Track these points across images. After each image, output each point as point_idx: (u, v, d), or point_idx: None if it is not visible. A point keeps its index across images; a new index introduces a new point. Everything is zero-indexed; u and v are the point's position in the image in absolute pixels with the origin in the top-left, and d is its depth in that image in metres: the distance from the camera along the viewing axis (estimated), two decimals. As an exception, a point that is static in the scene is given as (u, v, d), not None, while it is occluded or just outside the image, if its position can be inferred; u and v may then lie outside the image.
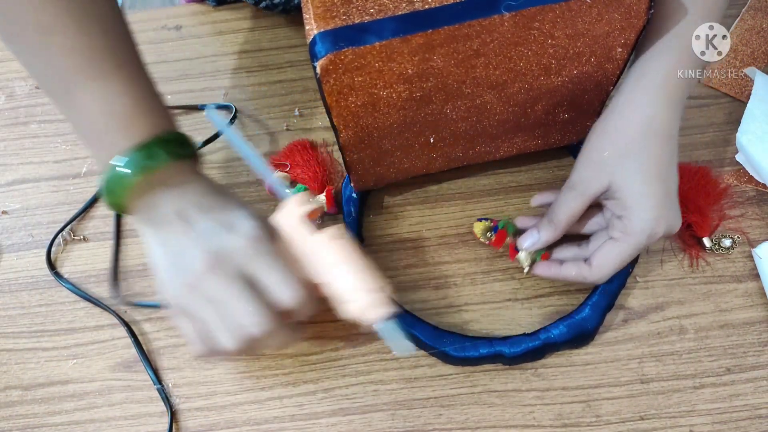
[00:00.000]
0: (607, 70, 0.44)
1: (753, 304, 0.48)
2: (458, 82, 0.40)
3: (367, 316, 0.38)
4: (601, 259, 0.43)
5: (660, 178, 0.42)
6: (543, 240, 0.45)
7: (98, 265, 0.52)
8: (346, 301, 0.38)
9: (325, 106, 0.40)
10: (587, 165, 0.44)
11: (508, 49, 0.39)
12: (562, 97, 0.46)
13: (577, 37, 0.39)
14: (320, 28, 0.35)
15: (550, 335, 0.45)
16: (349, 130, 0.42)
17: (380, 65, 0.37)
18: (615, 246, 0.43)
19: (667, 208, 0.42)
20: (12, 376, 0.48)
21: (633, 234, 0.42)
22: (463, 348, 0.45)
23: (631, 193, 0.42)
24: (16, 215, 0.55)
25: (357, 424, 0.45)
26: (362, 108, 0.40)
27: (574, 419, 0.45)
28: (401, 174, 0.51)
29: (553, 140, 0.52)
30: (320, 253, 0.39)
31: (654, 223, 0.41)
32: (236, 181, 0.56)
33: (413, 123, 0.44)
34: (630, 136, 0.42)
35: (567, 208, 0.44)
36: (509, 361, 0.46)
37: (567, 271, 0.45)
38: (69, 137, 0.59)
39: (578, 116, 0.49)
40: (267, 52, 0.63)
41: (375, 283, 0.39)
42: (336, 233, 0.39)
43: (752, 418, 0.44)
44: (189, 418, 0.46)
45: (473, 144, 0.49)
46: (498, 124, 0.47)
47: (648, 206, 0.42)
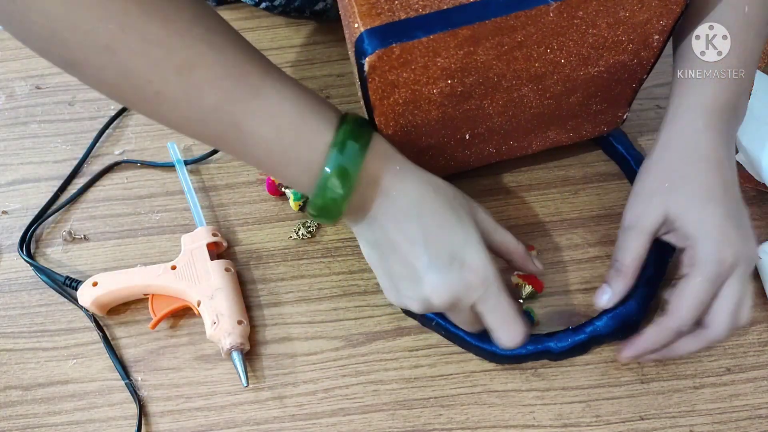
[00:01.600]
0: (642, 58, 0.44)
1: (753, 304, 0.48)
2: (499, 75, 0.40)
3: (223, 340, 0.45)
4: (677, 302, 0.40)
5: (715, 202, 0.40)
6: (617, 292, 0.43)
7: (98, 265, 0.52)
8: (212, 322, 0.46)
9: (366, 105, 0.39)
10: (639, 201, 0.43)
11: (550, 39, 0.39)
12: (596, 88, 0.45)
13: (617, 26, 0.39)
14: (367, 25, 0.35)
15: (596, 328, 0.44)
16: (389, 129, 0.42)
17: (426, 60, 0.37)
18: (686, 282, 0.40)
19: (731, 232, 0.40)
20: (12, 376, 0.48)
21: (700, 262, 0.39)
22: None
23: (688, 221, 0.40)
24: (16, 215, 0.55)
25: (357, 424, 0.45)
26: (404, 106, 0.40)
27: (574, 419, 0.45)
28: (434, 172, 0.50)
29: (584, 132, 0.52)
30: (211, 274, 0.48)
31: (719, 247, 0.39)
32: (236, 181, 0.56)
33: (451, 120, 0.43)
34: (675, 166, 0.42)
35: (631, 251, 0.42)
36: (556, 357, 0.45)
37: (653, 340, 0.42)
38: (69, 137, 0.59)
39: (610, 106, 0.49)
40: (267, 52, 0.62)
41: (242, 315, 0.47)
42: (227, 264, 0.49)
43: (752, 418, 0.44)
44: (189, 418, 0.46)
45: (507, 139, 0.49)
46: (532, 117, 0.47)
47: (707, 230, 0.39)
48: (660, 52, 0.44)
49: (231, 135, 0.35)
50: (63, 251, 0.53)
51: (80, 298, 0.48)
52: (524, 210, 0.53)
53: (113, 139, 0.59)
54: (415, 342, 0.48)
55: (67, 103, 0.61)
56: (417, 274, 0.37)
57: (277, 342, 0.48)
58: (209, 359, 0.48)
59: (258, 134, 0.35)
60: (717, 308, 0.40)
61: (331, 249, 0.52)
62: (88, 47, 0.31)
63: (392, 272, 0.39)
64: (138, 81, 0.32)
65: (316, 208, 0.37)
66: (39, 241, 0.54)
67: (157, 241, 0.53)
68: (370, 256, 0.41)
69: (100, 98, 0.61)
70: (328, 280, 0.51)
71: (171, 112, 0.35)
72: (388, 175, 0.37)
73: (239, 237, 0.53)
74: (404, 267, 0.38)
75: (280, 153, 0.36)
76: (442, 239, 0.37)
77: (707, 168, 0.41)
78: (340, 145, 0.35)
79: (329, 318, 0.49)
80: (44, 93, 0.62)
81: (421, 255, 0.37)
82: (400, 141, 0.44)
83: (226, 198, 0.55)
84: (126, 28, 0.31)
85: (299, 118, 0.35)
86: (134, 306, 0.50)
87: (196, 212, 0.53)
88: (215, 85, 0.33)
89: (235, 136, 0.35)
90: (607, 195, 0.54)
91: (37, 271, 0.51)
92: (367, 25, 0.35)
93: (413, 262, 0.37)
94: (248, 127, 0.35)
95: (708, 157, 0.41)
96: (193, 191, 0.54)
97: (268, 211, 0.54)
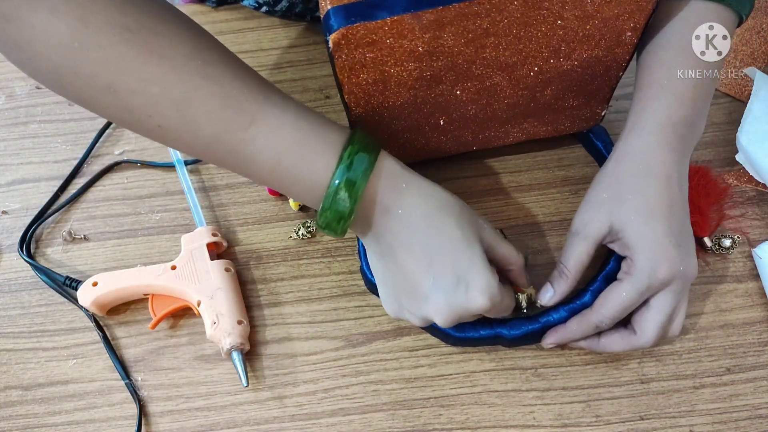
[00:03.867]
0: (617, 55, 0.44)
1: (753, 304, 0.48)
2: (468, 62, 0.41)
3: (223, 340, 0.45)
4: (601, 300, 0.42)
5: (657, 218, 0.41)
6: (559, 292, 0.44)
7: (98, 265, 0.52)
8: (212, 322, 0.46)
9: (336, 82, 0.40)
10: (587, 209, 0.44)
11: (517, 29, 0.39)
12: (571, 82, 0.46)
13: (586, 19, 0.40)
14: (333, 3, 0.36)
15: (550, 318, 0.45)
16: (359, 108, 0.42)
17: (391, 42, 0.37)
18: (616, 287, 0.42)
19: (669, 249, 0.40)
20: (12, 376, 0.48)
21: (634, 272, 0.41)
22: (463, 328, 0.45)
23: (630, 233, 0.41)
24: (16, 215, 0.55)
25: (357, 424, 0.45)
26: (373, 86, 0.41)
27: (574, 419, 0.45)
28: (410, 156, 0.50)
29: (563, 127, 0.52)
30: (211, 275, 0.48)
31: (654, 262, 0.40)
32: (236, 181, 0.56)
33: (423, 104, 0.44)
34: (624, 179, 0.43)
35: (574, 255, 0.43)
36: (509, 343, 0.46)
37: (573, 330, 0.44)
38: (69, 137, 0.59)
39: (587, 102, 0.49)
40: (267, 52, 0.63)
41: (242, 315, 0.47)
42: (227, 264, 0.49)
43: (752, 418, 0.44)
44: (189, 418, 0.46)
45: (483, 128, 0.49)
46: (508, 107, 0.47)
47: (646, 245, 0.41)
48: (634, 49, 0.44)
49: (233, 161, 0.37)
50: (63, 251, 0.53)
51: (80, 298, 0.48)
52: (524, 210, 0.53)
53: (113, 139, 0.59)
54: (415, 342, 0.48)
55: (67, 103, 0.61)
56: (421, 294, 0.38)
57: (277, 342, 0.48)
58: (209, 359, 0.48)
59: (258, 160, 0.37)
60: (647, 317, 0.42)
61: (331, 249, 0.52)
62: (92, 88, 0.34)
63: (396, 287, 0.40)
64: (140, 116, 0.35)
65: (324, 222, 0.37)
66: (39, 241, 0.54)
67: (157, 241, 0.53)
68: (375, 267, 0.42)
69: (100, 98, 0.61)
70: (328, 280, 0.51)
71: (175, 142, 0.37)
72: (393, 193, 0.38)
73: (239, 237, 0.53)
74: (408, 285, 0.39)
75: (283, 175, 0.37)
76: (447, 260, 0.37)
77: (655, 184, 0.42)
78: (347, 160, 0.36)
79: (329, 318, 0.49)
80: (44, 93, 0.62)
81: (425, 276, 0.38)
82: (372, 121, 0.44)
83: (226, 198, 0.55)
84: (124, 71, 0.33)
85: (299, 142, 0.36)
86: (134, 306, 0.50)
87: (196, 212, 0.53)
88: (212, 117, 0.35)
89: (237, 162, 0.37)
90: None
91: (37, 271, 0.51)
92: (333, 3, 0.36)
93: (418, 282, 0.38)
94: (248, 153, 0.36)
95: (657, 173, 0.42)
96: (193, 191, 0.54)
97: (268, 211, 0.54)
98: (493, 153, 0.55)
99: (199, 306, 0.47)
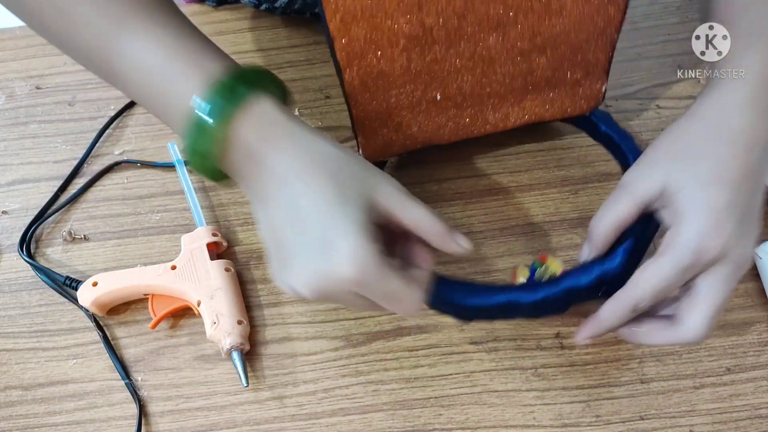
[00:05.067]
0: (610, 13, 0.44)
1: (753, 304, 0.48)
2: (459, 16, 0.41)
3: (223, 340, 0.45)
4: (637, 275, 0.36)
5: (722, 186, 0.34)
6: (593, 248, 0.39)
7: (98, 265, 0.52)
8: (212, 322, 0.46)
9: (329, 42, 0.40)
10: (641, 164, 0.38)
11: None
12: (566, 48, 0.46)
13: None
14: None
15: (575, 283, 0.39)
16: (353, 69, 0.43)
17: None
18: (654, 260, 0.35)
19: (727, 224, 0.34)
20: (12, 376, 0.48)
21: (676, 245, 0.34)
22: (471, 294, 0.39)
23: (685, 199, 0.35)
24: (16, 215, 0.55)
25: (357, 424, 0.45)
26: (366, 44, 0.41)
27: (574, 419, 0.45)
28: (410, 141, 0.50)
29: (564, 107, 0.51)
30: (211, 274, 0.48)
31: (704, 236, 0.34)
32: (236, 181, 0.56)
33: (418, 73, 0.44)
34: (695, 139, 0.36)
35: (612, 211, 0.38)
36: (530, 313, 0.40)
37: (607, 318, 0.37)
38: (69, 137, 0.59)
39: (586, 76, 0.49)
40: (267, 52, 0.63)
41: (242, 315, 0.47)
42: (227, 264, 0.49)
43: (752, 418, 0.44)
44: (189, 418, 0.46)
45: (482, 107, 0.49)
46: (504, 79, 0.47)
47: (699, 213, 0.34)
48: (626, 7, 0.44)
49: (107, 73, 0.36)
50: (63, 251, 0.53)
51: (80, 298, 0.48)
52: (524, 210, 0.53)
53: (113, 139, 0.59)
54: (415, 342, 0.48)
55: (67, 103, 0.61)
56: (287, 258, 0.34)
57: (277, 342, 0.48)
58: (209, 359, 0.48)
59: (129, 76, 0.35)
60: (695, 304, 0.35)
61: (331, 249, 0.52)
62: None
63: (269, 250, 0.35)
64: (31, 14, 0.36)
65: (190, 162, 0.35)
66: (39, 241, 0.54)
67: (157, 241, 0.53)
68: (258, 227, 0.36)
69: (100, 98, 0.61)
70: (328, 280, 0.51)
71: (61, 45, 0.37)
72: (263, 137, 0.33)
73: (239, 237, 0.53)
74: (277, 247, 0.34)
75: (151, 96, 0.35)
76: (315, 220, 0.32)
77: (731, 151, 0.35)
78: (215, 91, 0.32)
79: (329, 318, 0.49)
80: (44, 93, 0.62)
81: (288, 235, 0.33)
82: (367, 89, 0.44)
83: (226, 198, 0.55)
84: None
85: (168, 62, 0.34)
86: (134, 306, 0.50)
87: (196, 212, 0.53)
88: (89, 23, 0.34)
89: (111, 75, 0.36)
90: (608, 195, 0.53)
91: (37, 271, 0.51)
92: None
93: (283, 244, 0.33)
94: (119, 67, 0.35)
95: (736, 137, 0.35)
96: (193, 191, 0.54)
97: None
98: (493, 153, 0.56)
99: (199, 306, 0.47)
